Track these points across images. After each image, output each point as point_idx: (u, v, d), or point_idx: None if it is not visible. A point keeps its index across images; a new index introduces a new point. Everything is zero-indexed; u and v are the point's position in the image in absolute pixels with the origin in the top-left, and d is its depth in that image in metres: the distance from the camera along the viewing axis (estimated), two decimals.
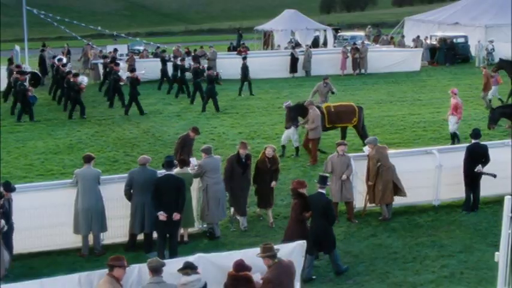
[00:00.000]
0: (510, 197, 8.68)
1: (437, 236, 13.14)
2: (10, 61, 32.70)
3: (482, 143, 14.62)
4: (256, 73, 31.50)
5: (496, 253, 8.90)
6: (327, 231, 11.20)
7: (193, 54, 35.23)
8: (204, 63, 31.53)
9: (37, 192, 12.48)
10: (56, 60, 31.21)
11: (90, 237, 12.47)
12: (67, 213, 12.36)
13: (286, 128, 19.06)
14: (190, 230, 13.28)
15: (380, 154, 13.90)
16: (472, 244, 12.75)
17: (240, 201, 13.58)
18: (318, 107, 18.71)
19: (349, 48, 36.96)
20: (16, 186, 12.06)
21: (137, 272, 8.57)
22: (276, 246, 8.83)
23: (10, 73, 29.45)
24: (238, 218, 13.78)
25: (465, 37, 41.32)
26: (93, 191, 12.32)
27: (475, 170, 14.05)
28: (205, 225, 13.48)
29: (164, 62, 32.93)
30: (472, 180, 14.22)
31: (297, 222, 11.31)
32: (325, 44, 47.25)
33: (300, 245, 9.49)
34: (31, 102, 25.23)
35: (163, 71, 32.27)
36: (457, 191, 14.54)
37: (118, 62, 29.15)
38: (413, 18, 50.88)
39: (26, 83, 25.70)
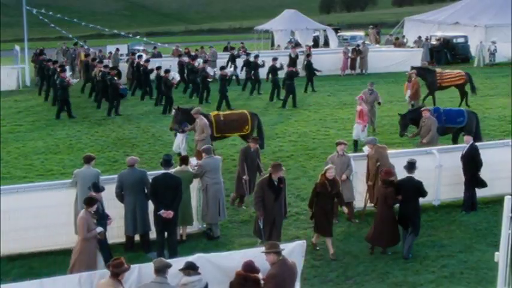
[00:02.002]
0: (510, 197, 8.69)
1: (437, 236, 13.14)
2: (86, 56, 33.44)
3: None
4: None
5: (496, 253, 8.91)
6: (417, 213, 12.17)
7: (194, 54, 35.18)
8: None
9: (37, 192, 12.49)
10: (136, 57, 31.61)
11: None
12: (67, 213, 12.37)
13: (170, 129, 18.22)
14: (189, 230, 13.29)
15: (379, 154, 13.91)
16: (472, 244, 12.76)
17: (273, 231, 11.93)
18: (206, 116, 17.69)
19: (350, 48, 36.97)
20: (16, 186, 12.04)
21: (137, 272, 8.57)
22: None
23: (86, 66, 30.50)
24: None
25: (465, 37, 41.31)
26: None
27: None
28: (204, 225, 13.48)
29: (234, 58, 32.92)
30: (471, 180, 14.25)
31: (388, 207, 12.06)
32: (326, 44, 47.19)
33: (300, 245, 9.49)
34: (124, 94, 25.80)
35: (235, 68, 32.25)
36: (457, 191, 14.53)
37: (206, 60, 29.53)
38: (413, 18, 50.89)
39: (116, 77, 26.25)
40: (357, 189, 14.21)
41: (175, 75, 26.68)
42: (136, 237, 12.62)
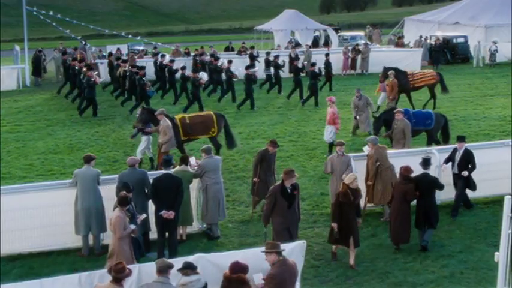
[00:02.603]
0: (510, 197, 8.69)
1: (437, 236, 13.13)
2: (110, 54, 33.83)
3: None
4: (256, 73, 31.52)
5: (496, 253, 8.91)
6: (434, 207, 12.60)
7: (193, 54, 35.18)
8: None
9: (37, 192, 12.49)
10: (159, 57, 31.63)
11: (90, 237, 12.48)
12: (67, 213, 12.38)
13: (133, 126, 18.10)
14: (189, 229, 13.30)
15: (379, 154, 13.90)
16: (472, 244, 12.76)
17: (289, 240, 11.00)
18: (171, 119, 17.31)
19: (349, 48, 36.99)
20: (16, 186, 12.02)
21: (137, 272, 8.57)
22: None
23: (110, 66, 30.64)
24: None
25: (465, 37, 41.28)
26: (93, 191, 12.32)
27: (462, 173, 14.11)
28: (204, 226, 13.48)
29: (253, 58, 32.97)
30: (465, 183, 14.26)
31: (406, 202, 12.36)
32: (326, 44, 47.15)
33: (300, 245, 9.48)
34: (150, 96, 25.93)
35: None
36: None
37: (231, 59, 29.82)
38: (413, 18, 50.88)
39: (145, 78, 26.37)
40: None
41: (203, 75, 26.72)
42: None
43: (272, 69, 30.59)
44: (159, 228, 12.00)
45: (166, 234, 12.02)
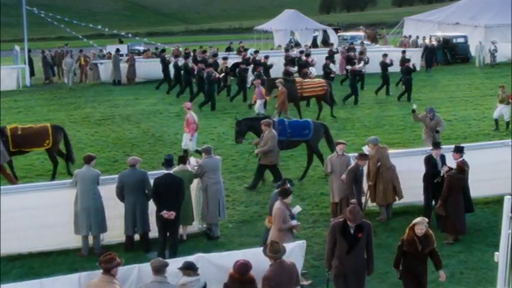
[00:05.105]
0: (510, 197, 8.70)
1: (436, 236, 13.07)
2: (205, 53, 34.44)
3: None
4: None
5: (496, 253, 8.92)
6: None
7: (193, 54, 35.18)
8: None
9: (37, 192, 12.50)
10: (248, 53, 32.64)
11: (90, 237, 12.48)
12: (67, 213, 12.37)
13: None
14: (190, 229, 13.30)
15: (380, 154, 13.90)
16: (472, 244, 12.76)
17: None
18: (1, 130, 16.58)
19: (342, 47, 37.07)
20: (16, 186, 12.00)
21: (137, 272, 8.57)
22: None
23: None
24: None
25: (465, 37, 41.27)
26: (92, 191, 12.32)
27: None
28: (204, 226, 13.48)
29: (332, 55, 33.18)
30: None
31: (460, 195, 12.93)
32: (326, 44, 47.14)
33: (300, 245, 9.48)
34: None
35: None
36: None
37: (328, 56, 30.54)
38: (413, 18, 50.90)
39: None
40: None
41: (312, 70, 27.59)
42: (136, 237, 12.62)
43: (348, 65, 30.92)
44: (160, 228, 12.00)
45: (167, 234, 12.02)
